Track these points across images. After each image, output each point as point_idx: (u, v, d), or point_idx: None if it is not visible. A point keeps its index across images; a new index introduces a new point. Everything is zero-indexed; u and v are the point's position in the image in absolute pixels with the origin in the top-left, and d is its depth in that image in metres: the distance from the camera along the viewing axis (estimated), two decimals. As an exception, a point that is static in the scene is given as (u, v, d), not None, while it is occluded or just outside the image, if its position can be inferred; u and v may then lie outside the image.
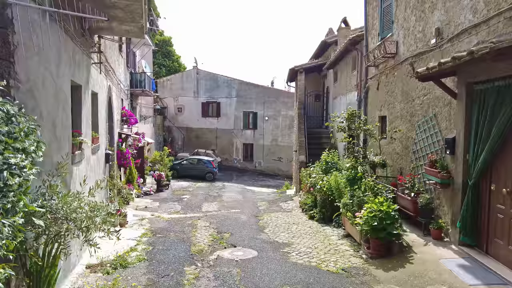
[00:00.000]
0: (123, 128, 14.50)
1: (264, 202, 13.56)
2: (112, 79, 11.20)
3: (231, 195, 16.19)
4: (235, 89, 30.12)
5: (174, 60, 38.07)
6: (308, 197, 10.81)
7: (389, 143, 8.86)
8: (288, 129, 28.94)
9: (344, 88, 14.34)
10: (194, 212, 11.35)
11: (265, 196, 15.96)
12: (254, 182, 24.32)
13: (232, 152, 30.48)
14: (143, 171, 19.50)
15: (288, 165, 29.00)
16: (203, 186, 20.27)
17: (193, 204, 12.98)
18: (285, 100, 29.02)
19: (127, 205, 11.74)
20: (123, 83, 15.47)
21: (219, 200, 14.26)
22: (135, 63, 20.98)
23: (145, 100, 24.44)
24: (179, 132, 31.75)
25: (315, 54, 19.56)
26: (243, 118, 29.95)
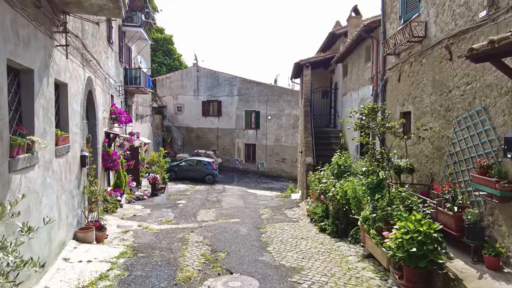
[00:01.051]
0: (112, 127, 13.21)
1: (267, 209, 12.20)
2: (95, 72, 9.90)
3: (231, 200, 14.86)
4: (237, 87, 28.81)
5: (175, 59, 37.08)
6: (317, 205, 9.44)
7: (415, 144, 7.49)
8: (292, 128, 27.58)
9: (356, 82, 12.97)
10: (188, 222, 10.02)
11: (268, 201, 14.60)
12: (256, 185, 22.97)
13: (233, 153, 29.16)
14: (138, 174, 18.23)
15: (292, 166, 27.63)
16: (202, 189, 18.95)
17: (188, 212, 11.65)
18: (289, 99, 27.66)
19: (113, 214, 10.44)
20: (113, 78, 14.19)
21: (217, 206, 12.93)
22: (130, 59, 19.72)
23: (142, 98, 23.19)
24: (179, 132, 30.49)
25: (322, 47, 18.19)
26: (245, 118, 28.62)
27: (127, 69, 18.12)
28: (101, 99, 10.94)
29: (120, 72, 16.56)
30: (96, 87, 10.00)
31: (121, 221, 9.60)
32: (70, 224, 6.54)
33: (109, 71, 12.83)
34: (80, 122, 7.46)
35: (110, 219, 9.55)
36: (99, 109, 10.47)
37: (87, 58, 8.54)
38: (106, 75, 12.04)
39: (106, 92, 12.12)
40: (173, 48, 37.36)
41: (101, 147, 10.72)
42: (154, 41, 36.62)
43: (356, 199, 7.14)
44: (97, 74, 10.24)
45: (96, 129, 9.71)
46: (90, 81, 8.84)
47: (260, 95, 28.27)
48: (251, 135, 28.65)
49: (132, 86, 18.18)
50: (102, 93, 11.26)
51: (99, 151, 10.17)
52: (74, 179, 6.92)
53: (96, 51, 10.11)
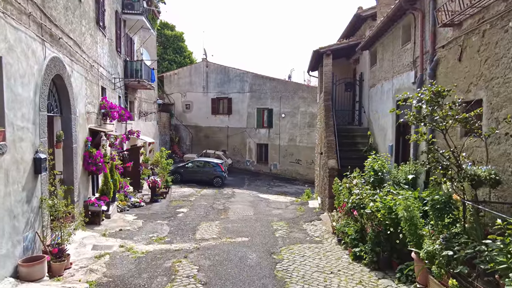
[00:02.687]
0: (102, 123, 11.40)
1: (282, 222, 10.15)
2: (71, 54, 8.04)
3: (240, 209, 12.87)
4: (248, 83, 26.83)
5: (185, 56, 35.76)
6: (348, 223, 7.36)
7: (495, 144, 5.34)
8: (308, 127, 25.44)
9: (389, 70, 10.79)
10: (184, 240, 8.07)
11: (282, 210, 12.55)
12: (269, 189, 20.95)
13: (244, 153, 27.20)
14: (139, 176, 16.45)
15: (307, 168, 25.49)
16: (208, 194, 17.04)
17: (187, 225, 9.72)
18: (304, 95, 25.53)
19: (95, 228, 8.58)
20: (106, 69, 12.40)
21: (223, 217, 10.95)
22: (132, 51, 17.97)
23: (146, 94, 21.46)
24: (187, 131, 28.74)
25: (344, 34, 16.02)
26: (257, 116, 26.62)
27: (127, 61, 16.36)
28: (83, 90, 9.10)
29: (118, 63, 14.78)
30: (74, 73, 8.15)
31: (101, 239, 7.72)
32: (5, 256, 4.66)
33: (98, 59, 11.02)
34: (34, 113, 5.59)
35: (87, 237, 7.67)
36: (79, 101, 8.63)
37: (53, 34, 6.67)
38: (92, 62, 10.22)
39: (93, 83, 10.30)
40: (184, 45, 36.16)
41: (82, 147, 8.89)
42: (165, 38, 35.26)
43: (411, 222, 5.03)
44: (76, 59, 8.40)
45: (72, 124, 7.86)
46: (59, 64, 6.98)
47: (273, 92, 26.23)
48: (263, 134, 26.63)
49: (133, 80, 16.40)
50: (86, 83, 9.43)
51: (77, 151, 8.32)
52: (18, 191, 5.05)
53: (74, 30, 8.27)
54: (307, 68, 18.22)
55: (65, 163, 7.86)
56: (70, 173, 7.90)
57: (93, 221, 9.02)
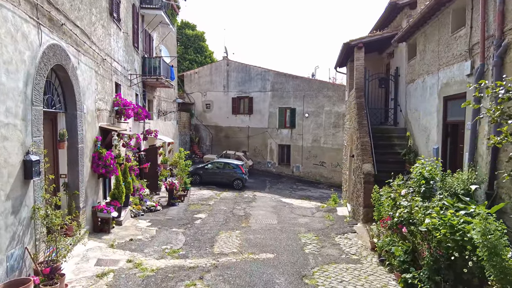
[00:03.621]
0: (115, 122, 10.64)
1: (311, 233, 9.02)
2: (78, 44, 7.23)
3: (262, 215, 11.83)
4: (270, 81, 25.78)
5: (206, 56, 35.41)
6: (394, 241, 6.17)
7: None
8: (333, 128, 24.12)
9: (434, 63, 9.46)
10: (201, 254, 7.09)
11: (309, 219, 11.41)
12: (291, 192, 19.81)
13: (265, 155, 26.15)
14: (157, 178, 15.72)
15: (332, 171, 24.18)
16: (228, 197, 16.10)
17: (205, 234, 8.76)
18: (329, 94, 24.22)
19: (102, 237, 7.74)
20: (122, 64, 11.65)
21: (244, 226, 9.93)
22: (151, 48, 17.29)
23: (166, 93, 20.81)
24: (207, 131, 28.01)
25: (377, 26, 14.69)
26: (279, 115, 25.53)
27: (145, 58, 15.67)
28: (93, 85, 8.31)
29: (135, 60, 14.07)
30: (80, 65, 7.34)
31: (108, 251, 6.85)
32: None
33: (111, 53, 10.26)
34: (24, 108, 4.75)
35: (93, 248, 6.83)
36: (87, 96, 7.82)
37: (53, 18, 5.84)
38: (105, 55, 9.45)
39: (105, 78, 9.52)
40: (204, 45, 35.95)
41: (90, 147, 8.08)
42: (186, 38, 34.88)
43: (494, 251, 3.82)
44: (83, 50, 7.59)
45: (77, 122, 7.04)
46: (61, 53, 6.15)
47: (296, 90, 25.06)
48: (286, 135, 25.50)
49: (151, 77, 15.67)
50: (97, 77, 8.64)
51: (84, 152, 7.51)
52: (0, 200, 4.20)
53: (81, 18, 7.46)
54: (335, 64, 16.97)
55: (70, 165, 7.05)
56: (75, 176, 7.08)
57: (102, 229, 8.21)
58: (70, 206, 6.96)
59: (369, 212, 9.52)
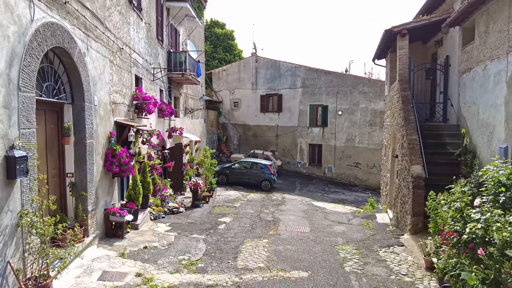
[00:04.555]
0: (134, 117, 9.91)
1: (350, 245, 7.78)
2: (87, 28, 6.47)
3: (292, 221, 10.70)
4: (301, 77, 24.53)
5: (235, 54, 34.93)
6: (462, 263, 4.85)
7: None
8: (369, 126, 22.49)
9: (503, 44, 7.89)
10: (222, 269, 6.10)
11: (346, 227, 10.14)
12: (323, 195, 18.49)
13: (295, 155, 24.92)
14: (182, 178, 15.00)
15: (368, 172, 22.56)
16: (255, 198, 15.09)
17: (228, 242, 7.77)
18: (365, 90, 22.61)
19: (114, 243, 6.94)
20: (143, 57, 10.95)
21: (272, 233, 8.85)
22: (177, 43, 16.65)
23: (192, 90, 20.16)
24: (235, 130, 27.20)
25: (422, 11, 13.09)
26: (309, 113, 24.22)
27: (171, 53, 15.01)
28: (107, 75, 7.54)
29: (160, 54, 13.40)
30: (90, 52, 6.57)
31: (117, 261, 6.01)
32: None
33: (130, 43, 9.53)
34: (7, 93, 3.93)
35: (100, 258, 6.01)
36: (99, 87, 7.05)
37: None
38: (122, 45, 8.71)
39: (122, 69, 8.78)
40: (234, 43, 35.58)
41: (103, 144, 7.32)
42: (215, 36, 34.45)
43: None
44: (95, 35, 6.82)
45: (85, 115, 6.26)
46: (62, 34, 5.36)
47: (329, 87, 23.64)
48: (317, 134, 24.14)
49: (176, 73, 14.99)
50: (112, 67, 7.89)
51: (94, 148, 6.74)
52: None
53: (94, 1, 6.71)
54: (373, 56, 15.50)
55: (77, 163, 6.30)
56: (83, 175, 6.31)
57: (116, 234, 7.43)
58: (77, 209, 6.20)
59: (419, 221, 8.15)
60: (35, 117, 5.28)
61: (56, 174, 6.08)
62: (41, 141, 5.57)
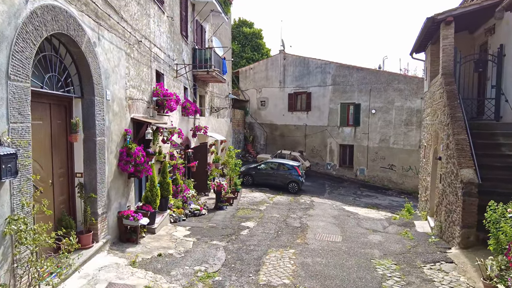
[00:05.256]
0: (155, 114, 9.43)
1: (389, 260, 6.83)
2: (98, 16, 5.97)
3: (321, 228, 9.82)
4: (331, 74, 23.43)
5: (263, 53, 34.38)
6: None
7: None
8: (405, 126, 21.06)
9: None
10: (241, 284, 5.37)
11: (382, 236, 9.13)
12: (355, 199, 17.38)
13: (324, 155, 23.84)
14: (206, 178, 14.49)
15: (403, 175, 21.14)
16: (282, 201, 14.31)
17: (250, 251, 7.05)
18: (400, 87, 21.20)
19: (128, 249, 6.41)
20: (165, 52, 10.48)
21: (299, 242, 8.03)
22: (203, 40, 16.18)
23: (218, 88, 19.67)
24: (262, 130, 26.50)
25: (469, -3, 11.76)
26: (340, 112, 23.07)
27: (196, 50, 14.54)
28: (122, 68, 7.05)
29: (184, 50, 12.93)
30: (102, 42, 6.07)
31: (125, 271, 5.45)
32: None
33: (150, 36, 9.05)
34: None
35: (108, 266, 5.46)
36: (113, 81, 6.55)
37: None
38: (140, 37, 8.22)
39: (141, 63, 8.30)
40: (262, 42, 35.18)
41: (117, 142, 6.82)
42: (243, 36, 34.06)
43: None
44: (108, 24, 6.33)
45: (95, 110, 5.76)
46: (66, 20, 4.85)
47: (361, 84, 22.39)
48: (348, 134, 22.94)
49: (202, 70, 14.49)
50: (128, 61, 7.40)
51: (106, 146, 6.24)
52: None
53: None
54: (411, 50, 14.26)
55: (86, 162, 5.81)
56: (93, 176, 5.81)
57: (130, 239, 6.92)
58: (85, 213, 5.71)
59: (471, 234, 7.05)
60: (37, 112, 4.83)
61: (64, 174, 5.62)
62: (46, 138, 5.11)
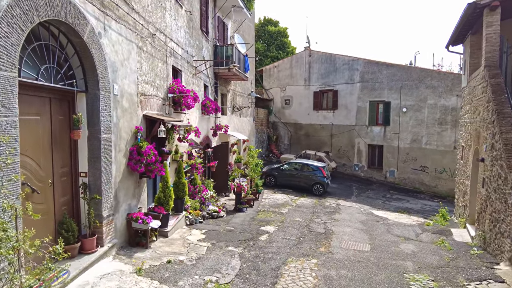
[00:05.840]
0: (171, 111, 9.03)
1: (425, 274, 6.01)
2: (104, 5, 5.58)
3: (348, 234, 9.06)
4: (359, 71, 22.38)
5: (288, 52, 33.73)
6: None
7: None
8: (439, 125, 19.71)
9: None
10: (255, 299, 4.81)
11: (415, 246, 8.25)
12: (385, 203, 16.36)
13: (352, 156, 22.81)
14: (227, 178, 14.03)
15: (436, 178, 19.81)
16: (306, 204, 13.60)
17: (268, 260, 6.45)
18: (433, 84, 19.86)
19: (136, 254, 5.98)
20: (183, 47, 10.08)
21: (323, 250, 7.34)
22: (225, 37, 15.77)
23: (242, 88, 19.21)
24: (286, 129, 25.80)
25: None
26: (369, 110, 21.99)
27: (217, 46, 14.12)
28: (133, 62, 6.65)
29: (204, 46, 12.53)
30: (109, 33, 5.67)
31: (129, 279, 5.00)
32: None
33: (166, 30, 8.65)
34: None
35: (111, 274, 5.03)
36: (122, 75, 6.15)
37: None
38: (154, 30, 7.83)
39: (155, 58, 7.89)
40: (287, 41, 34.65)
41: (127, 139, 6.42)
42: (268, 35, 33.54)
43: None
44: (116, 15, 5.92)
45: (99, 105, 5.36)
46: (66, 6, 4.44)
47: (391, 81, 21.22)
48: (377, 133, 21.81)
49: (223, 68, 14.04)
50: (140, 54, 7.00)
51: (113, 144, 5.84)
52: None
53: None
54: (446, 42, 13.13)
55: (91, 161, 5.42)
56: (97, 175, 5.42)
57: (139, 243, 6.50)
58: (89, 215, 5.32)
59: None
60: (34, 106, 4.46)
61: (67, 173, 5.25)
62: (45, 135, 4.75)
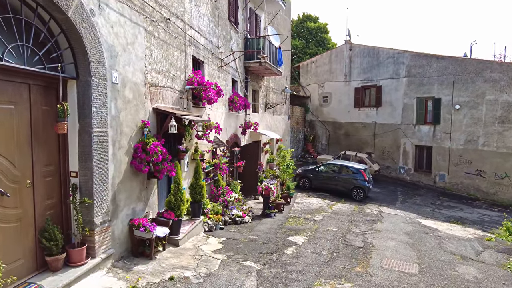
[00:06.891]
0: (189, 106, 8.21)
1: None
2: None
3: (391, 250, 7.69)
4: (405, 65, 20.42)
5: (328, 48, 32.22)
6: None
7: None
8: (500, 124, 17.31)
9: None
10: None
11: (477, 270, 6.72)
12: (434, 211, 14.50)
13: (397, 158, 20.87)
14: (257, 180, 13.08)
15: (495, 183, 17.45)
16: (343, 210, 12.26)
17: (291, 281, 5.36)
18: (494, 77, 17.48)
19: (137, 266, 5.16)
20: (205, 36, 9.25)
21: (360, 270, 6.10)
22: (257, 30, 14.87)
23: (276, 84, 18.18)
24: (324, 128, 24.34)
25: None
26: (416, 108, 19.95)
27: (248, 39, 13.23)
28: (139, 48, 5.85)
29: (232, 38, 11.68)
30: (106, 12, 4.89)
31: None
32: None
33: (185, 17, 7.84)
34: None
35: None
36: (124, 61, 5.36)
37: None
38: (169, 15, 7.03)
39: (170, 45, 7.09)
40: (327, 37, 33.38)
41: (130, 135, 5.64)
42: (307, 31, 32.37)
43: None
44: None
45: (91, 94, 4.58)
46: None
47: (442, 75, 19.05)
48: (426, 133, 19.73)
49: (253, 62, 13.10)
50: (150, 40, 6.21)
51: (110, 140, 5.05)
52: None
53: None
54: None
55: (81, 159, 4.67)
56: (89, 176, 4.66)
57: (143, 252, 5.69)
58: (78, 221, 4.58)
59: None
60: (5, 93, 3.76)
61: (53, 172, 4.54)
62: (22, 128, 4.05)
